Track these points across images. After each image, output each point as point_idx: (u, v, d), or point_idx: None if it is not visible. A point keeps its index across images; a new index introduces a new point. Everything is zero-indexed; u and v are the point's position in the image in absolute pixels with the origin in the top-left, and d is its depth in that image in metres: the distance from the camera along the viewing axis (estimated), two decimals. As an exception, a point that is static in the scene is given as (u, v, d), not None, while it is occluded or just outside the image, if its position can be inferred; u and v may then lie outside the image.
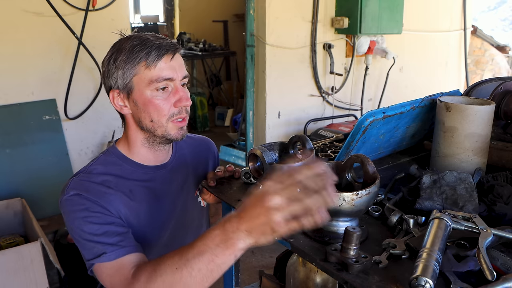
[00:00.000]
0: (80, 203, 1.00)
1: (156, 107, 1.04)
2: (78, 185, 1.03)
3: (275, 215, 0.70)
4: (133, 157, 1.13)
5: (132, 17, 7.28)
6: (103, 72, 1.08)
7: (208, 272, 0.79)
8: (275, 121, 3.85)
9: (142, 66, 1.02)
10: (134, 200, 1.08)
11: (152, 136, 1.09)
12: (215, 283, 0.84)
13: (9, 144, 3.09)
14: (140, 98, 1.04)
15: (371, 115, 1.05)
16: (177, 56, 1.06)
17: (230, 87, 6.74)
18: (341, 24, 3.79)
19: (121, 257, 0.95)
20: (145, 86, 1.03)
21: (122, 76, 1.04)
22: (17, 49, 3.10)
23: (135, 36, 1.06)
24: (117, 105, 1.08)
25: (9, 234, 2.54)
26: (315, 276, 1.01)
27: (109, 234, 0.98)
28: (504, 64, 6.78)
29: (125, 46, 1.04)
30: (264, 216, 0.71)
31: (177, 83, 1.05)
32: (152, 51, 1.02)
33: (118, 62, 1.03)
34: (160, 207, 1.14)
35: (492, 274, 0.68)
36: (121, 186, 1.07)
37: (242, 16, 5.81)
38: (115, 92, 1.06)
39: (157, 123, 1.06)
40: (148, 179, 1.13)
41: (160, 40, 1.05)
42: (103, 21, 3.34)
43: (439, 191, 0.93)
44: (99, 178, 1.06)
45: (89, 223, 0.98)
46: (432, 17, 4.70)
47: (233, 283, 1.17)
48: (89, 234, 0.97)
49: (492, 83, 1.33)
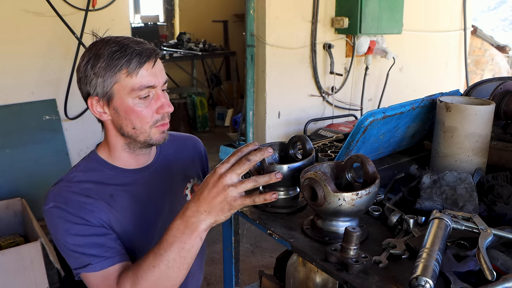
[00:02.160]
0: (60, 215, 1.00)
1: (138, 114, 1.01)
2: (57, 196, 1.02)
3: (232, 191, 0.81)
4: (114, 162, 1.11)
5: (132, 17, 7.28)
6: (80, 78, 1.03)
7: (182, 259, 0.89)
8: (275, 121, 3.85)
9: (123, 74, 0.98)
10: (115, 206, 1.07)
11: (133, 141, 1.07)
12: (215, 283, 0.86)
13: (9, 144, 3.09)
14: (121, 105, 1.01)
15: (371, 115, 1.05)
16: (157, 62, 1.03)
17: (230, 87, 6.74)
18: (341, 24, 3.79)
19: (106, 268, 0.98)
20: (127, 94, 1.00)
21: (102, 84, 1.00)
22: (17, 49, 3.10)
23: (112, 40, 1.01)
24: (96, 112, 1.04)
25: (9, 234, 2.54)
26: (315, 276, 1.01)
27: (92, 245, 0.99)
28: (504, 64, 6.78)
29: (103, 52, 0.99)
30: (222, 194, 0.81)
31: (158, 90, 1.03)
32: (133, 58, 0.98)
33: (97, 69, 0.99)
34: (144, 210, 1.13)
35: (492, 274, 0.68)
36: (101, 193, 1.06)
37: (242, 16, 5.81)
38: (94, 99, 1.03)
39: (139, 130, 1.04)
40: (130, 183, 1.11)
41: (140, 46, 1.00)
42: (103, 21, 3.34)
43: (439, 191, 0.93)
44: (78, 186, 1.05)
45: (72, 235, 0.99)
46: (432, 17, 4.71)
47: (233, 283, 1.17)
48: (73, 245, 0.99)
49: (492, 83, 1.33)
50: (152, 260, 0.91)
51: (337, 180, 0.92)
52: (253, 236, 3.21)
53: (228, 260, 1.15)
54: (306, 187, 0.84)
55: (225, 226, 1.14)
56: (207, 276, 2.72)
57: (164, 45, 6.35)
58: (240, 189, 0.81)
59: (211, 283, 2.68)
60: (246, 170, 0.82)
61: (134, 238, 1.10)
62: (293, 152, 1.04)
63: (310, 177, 0.82)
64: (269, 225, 0.92)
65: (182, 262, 0.89)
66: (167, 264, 0.89)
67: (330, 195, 0.79)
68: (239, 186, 0.81)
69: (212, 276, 2.74)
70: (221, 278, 2.71)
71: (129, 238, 1.09)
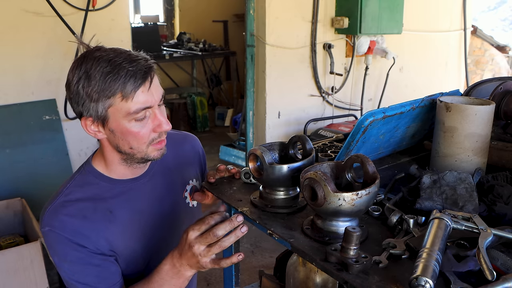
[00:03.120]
0: (57, 241, 0.99)
1: (135, 135, 0.98)
2: (53, 220, 1.00)
3: (201, 259, 0.93)
4: (111, 174, 1.08)
5: (132, 17, 7.28)
6: (70, 96, 0.98)
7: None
8: (275, 121, 3.85)
9: (118, 98, 0.94)
10: (115, 220, 1.06)
11: (130, 158, 1.05)
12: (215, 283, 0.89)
13: (9, 144, 3.09)
14: (117, 127, 0.98)
15: (371, 115, 1.05)
16: (154, 78, 0.98)
17: (230, 87, 6.74)
18: (341, 24, 3.79)
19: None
20: (123, 117, 0.96)
21: (95, 108, 0.95)
22: (17, 49, 3.09)
23: (103, 58, 0.94)
24: (90, 132, 1.00)
25: (9, 234, 2.54)
26: (315, 276, 1.01)
27: (86, 274, 1.01)
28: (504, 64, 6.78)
29: (94, 73, 0.93)
30: (194, 258, 0.93)
31: (155, 108, 0.99)
32: (127, 82, 0.93)
33: (90, 91, 0.94)
34: (144, 217, 1.12)
35: (492, 274, 0.68)
36: (99, 210, 1.04)
37: (242, 16, 5.81)
38: (88, 120, 0.98)
39: (136, 149, 1.01)
40: (127, 191, 1.10)
41: (133, 65, 0.94)
42: (103, 21, 3.34)
43: (439, 191, 0.93)
44: (75, 206, 1.02)
45: (67, 262, 1.00)
46: (432, 17, 4.71)
47: (233, 283, 1.16)
48: (68, 271, 1.01)
49: (492, 83, 1.33)
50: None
51: (337, 180, 0.92)
52: (253, 236, 3.21)
53: (228, 260, 1.15)
54: (306, 187, 0.84)
55: (225, 226, 1.13)
56: (207, 276, 2.72)
57: (164, 45, 6.35)
58: (208, 257, 0.93)
59: (211, 283, 2.68)
60: (213, 241, 0.91)
61: (137, 247, 1.10)
62: (293, 152, 1.04)
63: (310, 177, 0.82)
64: (269, 225, 0.92)
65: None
66: None
67: (330, 195, 0.79)
68: (207, 254, 0.92)
69: (212, 276, 2.74)
70: (221, 278, 2.71)
71: (132, 249, 1.09)
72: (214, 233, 0.90)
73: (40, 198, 3.11)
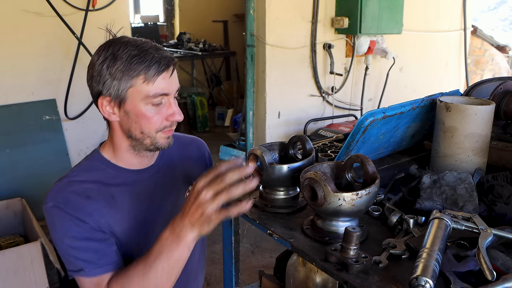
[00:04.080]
0: (59, 215, 1.00)
1: (149, 120, 1.02)
2: (57, 196, 1.02)
3: (208, 208, 0.85)
4: (117, 161, 1.11)
5: (132, 17, 7.28)
6: (92, 74, 1.02)
7: (170, 268, 0.93)
8: (275, 121, 3.85)
9: (141, 79, 0.98)
10: (116, 206, 1.07)
11: (138, 144, 1.07)
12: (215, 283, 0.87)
13: (9, 144, 3.09)
14: (133, 109, 1.01)
15: (371, 115, 1.05)
16: (174, 71, 1.04)
17: (230, 87, 6.74)
18: (341, 24, 3.79)
19: (98, 275, 0.99)
20: (140, 100, 1.00)
21: (116, 86, 0.99)
22: (17, 49, 3.09)
23: (131, 43, 1.00)
24: (105, 112, 1.04)
25: (9, 234, 2.54)
26: (315, 276, 1.01)
27: (87, 250, 1.00)
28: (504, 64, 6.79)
29: (121, 54, 0.98)
30: (199, 209, 0.86)
31: (171, 97, 1.04)
32: (152, 65, 0.98)
33: (114, 70, 0.98)
34: (145, 210, 1.13)
35: (492, 274, 0.68)
36: (102, 193, 1.06)
37: (242, 16, 5.82)
38: (105, 100, 1.02)
39: (147, 134, 1.04)
40: (132, 183, 1.11)
41: (159, 52, 1.00)
42: (103, 21, 3.31)
43: (439, 191, 0.93)
44: (80, 186, 1.04)
45: (68, 238, 1.00)
46: (432, 17, 4.71)
47: (233, 283, 1.17)
48: (69, 248, 1.00)
49: (492, 83, 1.33)
50: (141, 269, 0.94)
51: (337, 180, 0.92)
52: (253, 236, 3.21)
53: (228, 260, 1.15)
54: (306, 187, 0.84)
55: (225, 226, 1.14)
56: (207, 276, 2.72)
57: (164, 45, 6.35)
58: (215, 204, 0.86)
59: (211, 283, 2.68)
60: (222, 188, 0.85)
61: (134, 238, 1.10)
62: (293, 152, 1.04)
63: (310, 177, 0.82)
64: (269, 225, 0.92)
65: (170, 272, 0.93)
66: (155, 273, 0.93)
67: (330, 195, 0.79)
68: (214, 201, 0.86)
69: (212, 276, 2.74)
70: (221, 278, 2.71)
71: (129, 239, 1.09)
72: (222, 179, 0.86)
73: (40, 198, 3.08)
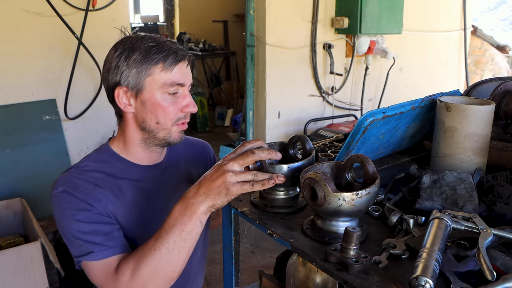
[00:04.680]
0: (68, 200, 1.01)
1: (165, 109, 1.05)
2: (67, 181, 1.03)
3: (231, 177, 0.85)
4: (127, 156, 1.13)
5: (132, 17, 7.28)
6: (109, 67, 1.05)
7: (182, 242, 0.91)
8: (275, 121, 3.85)
9: (159, 68, 1.02)
10: (122, 199, 1.08)
11: (151, 137, 1.09)
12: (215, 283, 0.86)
13: (9, 144, 3.10)
14: (150, 99, 1.04)
15: (371, 115, 1.05)
16: (189, 64, 1.08)
17: (230, 87, 6.74)
18: (341, 24, 3.79)
19: (107, 258, 0.98)
20: (157, 88, 1.03)
21: (135, 75, 1.02)
22: (17, 49, 3.10)
23: (148, 36, 1.05)
24: (121, 103, 1.06)
25: (9, 234, 2.54)
26: (315, 276, 1.01)
27: (96, 233, 0.99)
28: (504, 64, 6.79)
29: (140, 45, 1.02)
30: (221, 178, 0.86)
31: (185, 89, 1.07)
32: (170, 55, 1.02)
33: (131, 60, 1.02)
34: (150, 207, 1.14)
35: (492, 274, 0.68)
36: (110, 184, 1.07)
37: (242, 16, 5.82)
38: (122, 90, 1.04)
39: (162, 125, 1.06)
40: (139, 179, 1.13)
41: (175, 46, 1.05)
42: (103, 21, 3.34)
43: (439, 191, 0.93)
44: (88, 175, 1.06)
45: (77, 221, 0.99)
46: (432, 17, 4.71)
47: (233, 283, 1.16)
48: (77, 232, 0.99)
49: (492, 83, 1.33)
50: (153, 243, 0.92)
51: (337, 180, 0.92)
52: (253, 236, 3.21)
53: (228, 260, 1.15)
54: (306, 187, 0.84)
55: (225, 226, 1.14)
56: (207, 276, 2.72)
57: (164, 45, 6.34)
58: (239, 177, 0.85)
59: (211, 283, 2.68)
60: (249, 163, 0.87)
61: (137, 234, 1.10)
62: (293, 152, 1.04)
63: (310, 177, 0.82)
64: (269, 225, 0.92)
65: (182, 245, 0.91)
66: (167, 246, 0.91)
67: (330, 195, 0.79)
68: (238, 174, 0.86)
69: (212, 276, 2.74)
70: (221, 278, 2.71)
71: (132, 234, 1.09)
72: (253, 151, 0.87)
73: (40, 198, 3.11)
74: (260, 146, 0.91)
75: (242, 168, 0.88)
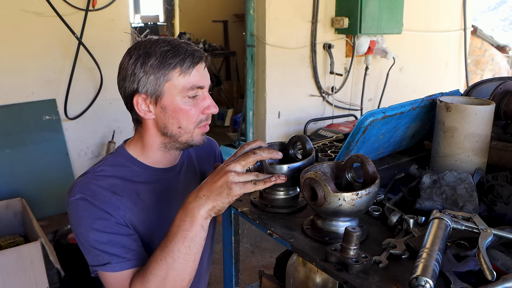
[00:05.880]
0: (86, 208, 0.99)
1: (186, 113, 1.03)
2: (85, 188, 1.01)
3: (233, 176, 0.85)
4: (144, 159, 1.10)
5: (132, 17, 7.28)
6: (125, 75, 1.02)
7: (187, 249, 0.91)
8: (275, 121, 3.85)
9: (177, 72, 1.00)
10: (140, 204, 1.06)
11: (173, 141, 1.08)
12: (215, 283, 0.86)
13: (9, 144, 3.10)
14: (170, 104, 1.02)
15: (371, 115, 1.05)
16: (206, 66, 1.07)
17: (230, 87, 6.74)
18: (341, 24, 3.79)
19: (125, 270, 0.97)
20: (177, 93, 1.01)
21: (153, 82, 1.00)
22: (17, 49, 3.10)
23: (162, 40, 1.02)
24: (140, 110, 1.03)
25: (9, 234, 2.54)
26: (315, 276, 1.01)
27: (114, 243, 0.98)
28: (504, 64, 6.79)
29: (155, 50, 1.00)
30: (222, 178, 0.86)
31: (205, 91, 1.05)
32: (186, 58, 1.00)
33: (148, 67, 0.99)
34: (167, 209, 1.13)
35: (492, 274, 0.68)
36: (128, 190, 1.05)
37: (242, 16, 5.81)
38: (141, 97, 1.02)
39: (185, 129, 1.05)
40: (156, 181, 1.11)
41: (191, 47, 1.02)
42: (103, 21, 3.35)
43: (439, 191, 0.93)
44: (106, 181, 1.04)
45: (95, 230, 0.97)
46: (432, 17, 4.71)
47: (233, 283, 1.16)
48: (95, 241, 0.97)
49: (492, 83, 1.33)
50: (159, 254, 0.92)
51: (337, 180, 0.92)
52: (253, 236, 3.21)
53: (228, 260, 1.15)
54: (306, 187, 0.84)
55: (225, 226, 1.14)
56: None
57: (164, 45, 6.34)
58: (241, 178, 0.86)
59: (211, 283, 2.68)
60: (251, 163, 0.87)
61: (156, 238, 1.09)
62: (293, 152, 1.04)
63: (310, 177, 0.82)
64: (269, 225, 0.92)
65: (187, 252, 0.91)
66: (172, 255, 0.90)
67: (330, 195, 0.79)
68: (241, 174, 0.86)
69: (212, 276, 2.74)
70: (221, 278, 2.71)
71: (150, 238, 1.08)
72: (254, 151, 0.87)
73: (40, 198, 3.12)
74: (260, 146, 0.91)
75: (244, 169, 0.88)
